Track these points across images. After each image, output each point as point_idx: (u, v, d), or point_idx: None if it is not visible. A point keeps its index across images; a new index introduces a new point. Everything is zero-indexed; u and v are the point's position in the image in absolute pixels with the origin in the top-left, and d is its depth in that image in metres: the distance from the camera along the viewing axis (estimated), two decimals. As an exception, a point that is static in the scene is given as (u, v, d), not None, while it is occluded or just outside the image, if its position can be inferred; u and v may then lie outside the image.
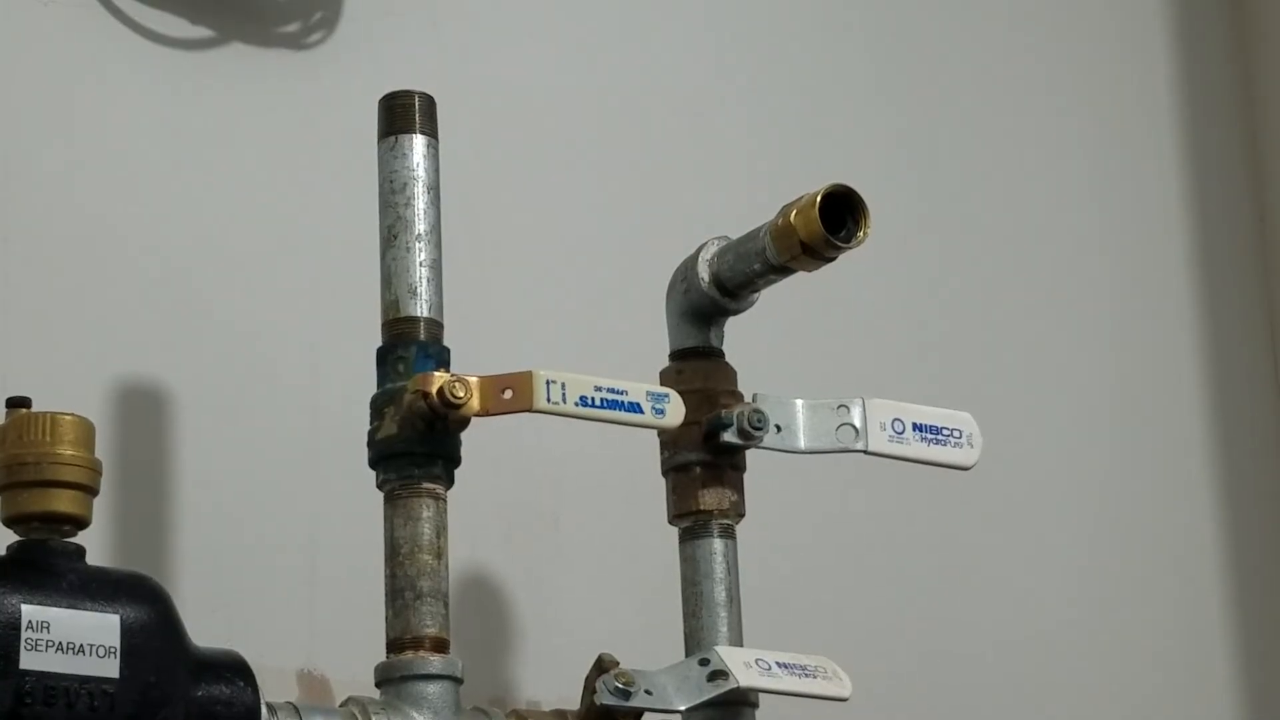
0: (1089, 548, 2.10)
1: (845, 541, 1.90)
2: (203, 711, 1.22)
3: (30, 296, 1.53)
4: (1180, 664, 2.13)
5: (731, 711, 1.49)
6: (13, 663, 1.14)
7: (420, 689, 1.38)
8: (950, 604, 1.96)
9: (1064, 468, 2.11)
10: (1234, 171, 2.40)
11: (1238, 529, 2.23)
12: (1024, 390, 2.09)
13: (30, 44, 1.59)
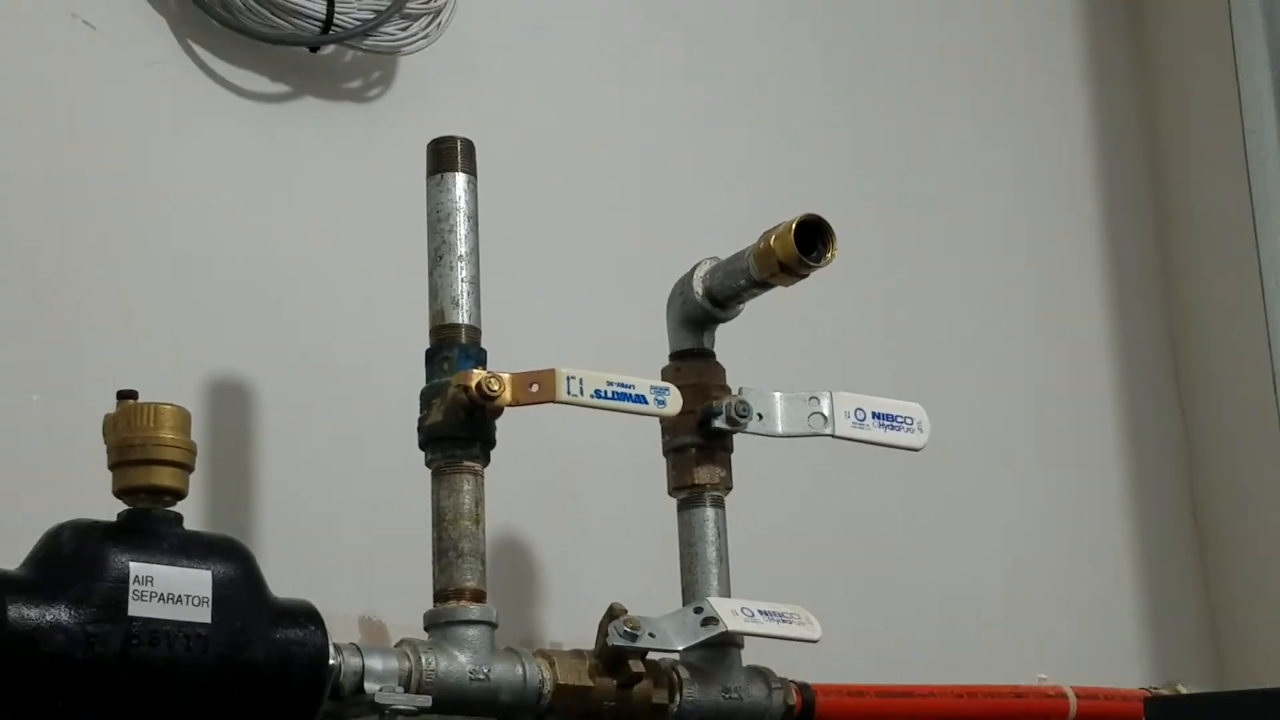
0: (1015, 509, 2.08)
1: (816, 511, 1.90)
2: (281, 651, 1.21)
3: (139, 308, 1.53)
4: (1092, 615, 2.11)
5: (721, 651, 1.49)
6: (122, 610, 1.14)
7: (461, 632, 1.38)
8: (902, 561, 1.96)
9: (997, 454, 2.10)
10: (1139, 200, 2.39)
11: (1142, 506, 2.22)
12: (966, 386, 2.09)
13: (142, 99, 1.59)
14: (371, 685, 1.29)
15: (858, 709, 1.57)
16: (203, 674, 1.17)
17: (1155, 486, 2.25)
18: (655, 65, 1.95)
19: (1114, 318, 2.29)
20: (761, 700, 1.51)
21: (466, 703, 1.36)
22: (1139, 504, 2.22)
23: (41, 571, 1.14)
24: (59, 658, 1.12)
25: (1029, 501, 2.11)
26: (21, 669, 1.11)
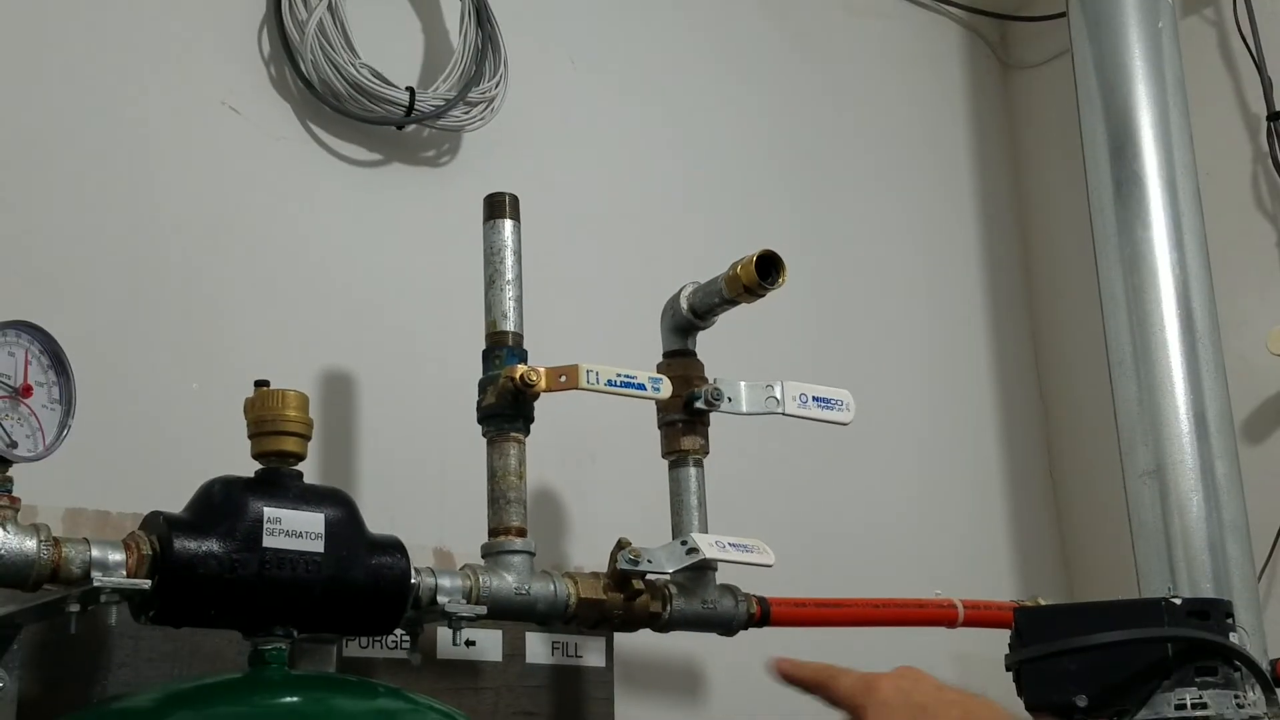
0: (916, 467, 2.07)
1: (768, 468, 1.88)
2: (375, 573, 1.21)
3: (272, 319, 1.52)
4: (973, 545, 2.10)
5: (701, 573, 1.49)
6: (258, 542, 1.14)
7: (509, 559, 1.37)
8: (830, 505, 1.94)
9: (901, 420, 2.07)
10: (1008, 234, 2.37)
11: (1010, 461, 2.21)
12: (875, 367, 2.06)
13: (275, 164, 1.58)
14: (442, 598, 1.28)
15: (802, 616, 1.56)
16: (318, 590, 1.16)
17: (1020, 448, 2.23)
18: (648, 147, 1.93)
19: (987, 310, 2.26)
20: (731, 609, 1.50)
21: (512, 611, 1.36)
22: (1008, 460, 2.20)
23: (198, 514, 1.14)
24: (211, 578, 1.11)
25: (925, 458, 2.09)
26: (184, 585, 1.10)
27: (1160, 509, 1.61)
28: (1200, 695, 1.45)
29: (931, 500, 2.06)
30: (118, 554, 1.09)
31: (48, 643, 1.20)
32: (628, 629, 1.46)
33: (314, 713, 1.09)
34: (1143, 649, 1.46)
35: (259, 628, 1.15)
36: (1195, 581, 1.57)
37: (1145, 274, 1.67)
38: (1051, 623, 1.52)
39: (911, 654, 1.86)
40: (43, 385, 1.11)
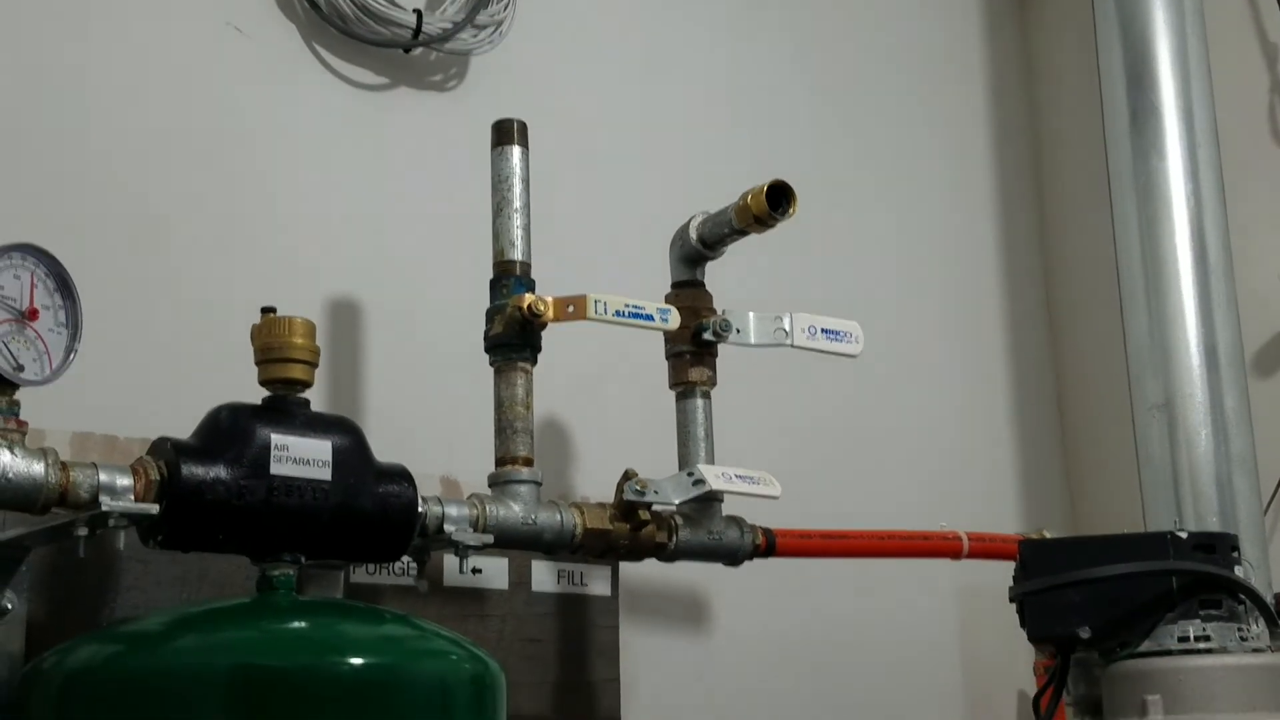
0: (924, 400, 2.06)
1: (776, 403, 1.88)
2: (382, 501, 1.21)
3: (278, 244, 1.52)
4: (981, 480, 2.10)
5: (707, 504, 1.49)
6: (265, 469, 1.14)
7: (515, 489, 1.38)
8: (838, 442, 1.94)
9: (908, 353, 2.05)
10: (1022, 165, 2.35)
11: (1020, 399, 2.21)
12: (886, 300, 2.05)
13: (280, 86, 1.56)
14: (449, 527, 1.29)
15: (807, 547, 1.56)
16: (325, 517, 1.17)
17: (1029, 381, 2.22)
18: (659, 74, 1.91)
19: (999, 243, 2.25)
20: (736, 539, 1.51)
21: (519, 540, 1.37)
22: (1016, 394, 2.19)
23: (206, 440, 1.14)
24: (219, 504, 1.12)
25: (933, 391, 2.08)
26: (192, 511, 1.11)
27: (1168, 443, 1.61)
28: (1204, 628, 1.46)
29: (938, 434, 2.06)
30: (126, 479, 1.10)
31: (57, 566, 1.21)
32: (633, 559, 1.47)
33: (321, 638, 1.10)
34: (1147, 582, 1.47)
35: (267, 553, 1.16)
36: (1202, 515, 1.58)
37: (1159, 205, 1.66)
38: (1056, 555, 1.53)
39: (920, 587, 1.89)
40: (49, 309, 1.11)
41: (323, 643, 1.08)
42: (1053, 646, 1.53)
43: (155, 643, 1.07)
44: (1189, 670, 1.45)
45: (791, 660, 1.78)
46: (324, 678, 1.04)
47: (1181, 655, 1.46)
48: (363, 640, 1.10)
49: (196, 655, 1.04)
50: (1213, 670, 1.44)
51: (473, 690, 1.12)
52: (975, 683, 1.94)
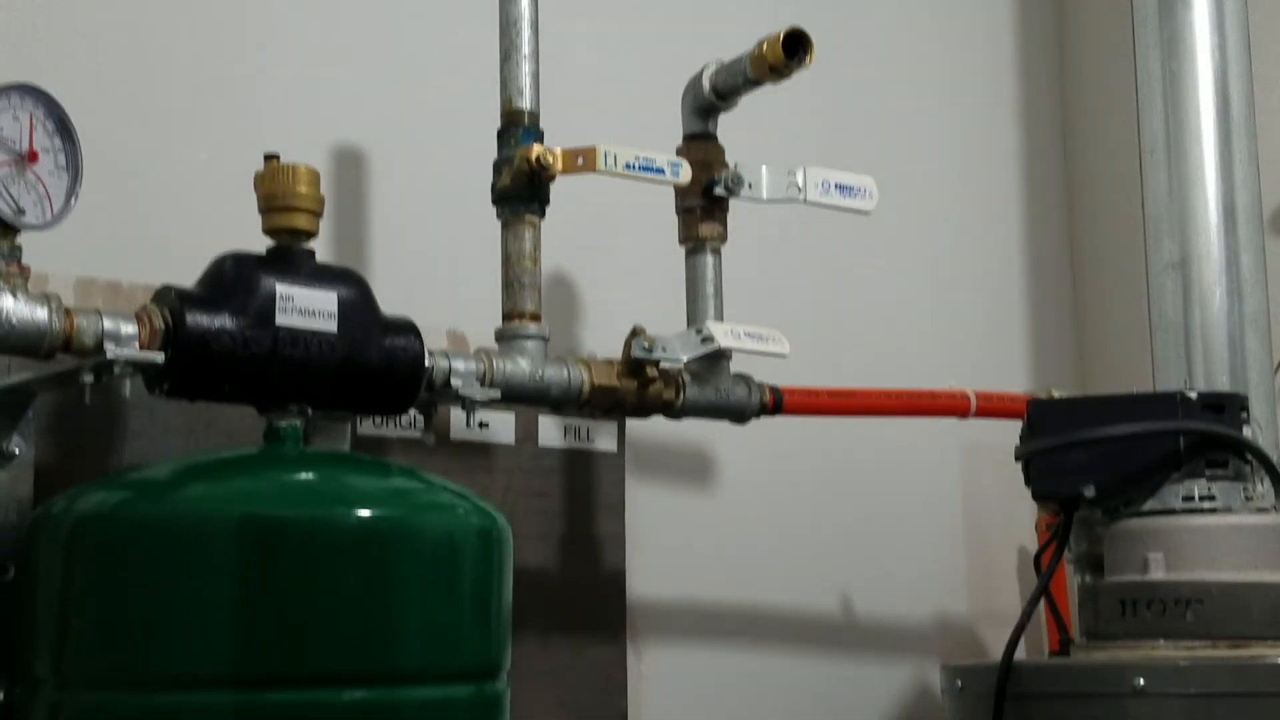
0: (935, 256, 2.03)
1: (787, 261, 1.86)
2: (389, 355, 1.20)
3: (281, 89, 1.47)
4: (990, 338, 2.07)
5: (715, 361, 1.48)
6: (271, 320, 1.13)
7: (523, 344, 1.37)
8: (849, 297, 1.92)
9: (920, 209, 2.01)
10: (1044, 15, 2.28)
11: (1033, 252, 2.18)
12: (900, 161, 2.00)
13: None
14: (456, 381, 1.28)
15: (815, 405, 1.56)
16: (331, 370, 1.16)
17: (1042, 239, 2.18)
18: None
19: (1016, 95, 2.18)
20: (744, 398, 1.50)
21: (526, 396, 1.37)
22: (1030, 251, 2.15)
23: (210, 289, 1.13)
24: (224, 354, 1.11)
25: (944, 248, 2.05)
26: (197, 361, 1.10)
27: (1182, 302, 1.60)
28: (1209, 487, 1.47)
29: (949, 291, 2.03)
30: (130, 326, 1.09)
31: (63, 411, 1.21)
32: (640, 416, 1.47)
33: (329, 489, 1.10)
34: (1154, 441, 1.47)
35: (273, 404, 1.16)
36: (1212, 375, 1.57)
37: (1184, 58, 1.62)
38: (1064, 415, 1.53)
39: (926, 445, 1.90)
40: (49, 151, 1.09)
41: (330, 494, 1.08)
42: (1057, 504, 1.54)
43: (163, 490, 1.07)
44: (1192, 529, 1.46)
45: (795, 517, 1.79)
46: (331, 529, 1.04)
47: (1185, 514, 1.47)
48: (370, 492, 1.10)
49: (205, 504, 1.04)
50: (1216, 529, 1.45)
51: (479, 543, 1.12)
52: (977, 539, 1.95)
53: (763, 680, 1.72)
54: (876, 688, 1.81)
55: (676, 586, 1.66)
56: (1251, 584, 1.41)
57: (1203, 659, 1.38)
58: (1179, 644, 1.41)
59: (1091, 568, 1.62)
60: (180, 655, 0.99)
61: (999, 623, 1.89)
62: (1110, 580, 1.50)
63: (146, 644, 1.00)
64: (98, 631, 1.02)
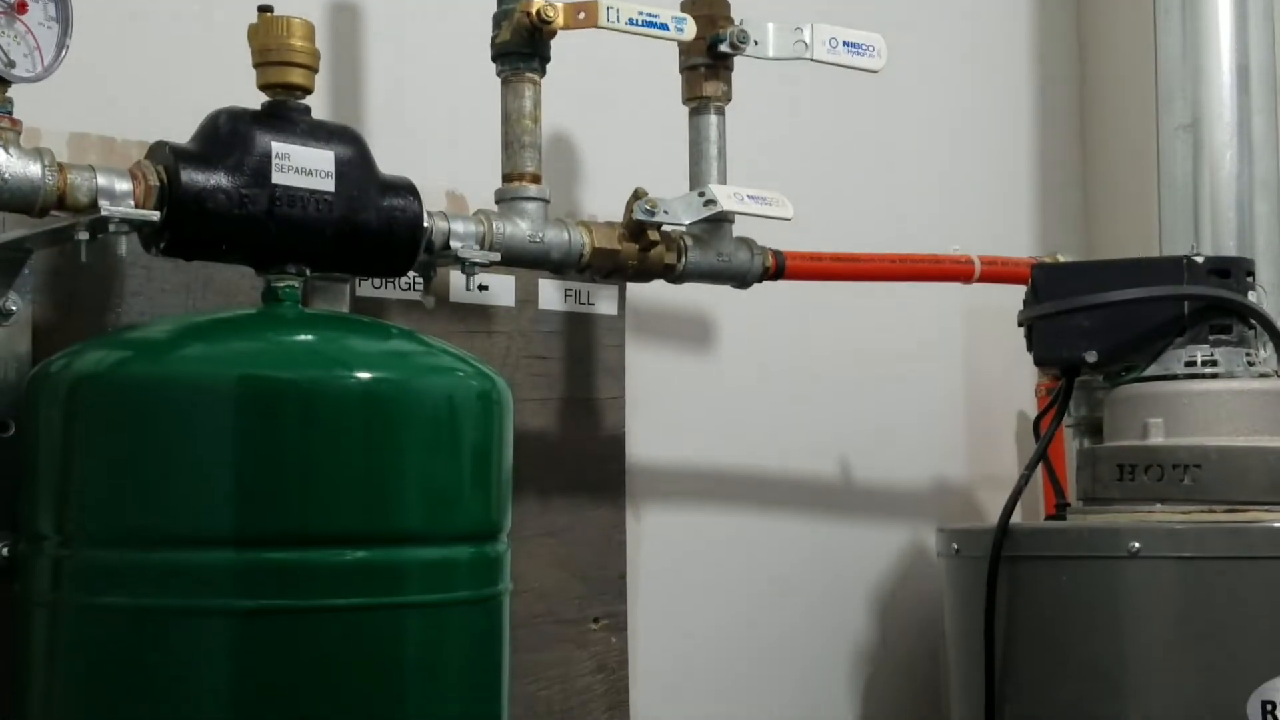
0: (941, 117, 1.99)
1: (792, 118, 1.83)
2: (387, 215, 1.18)
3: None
4: (996, 203, 2.06)
5: (717, 225, 1.47)
6: (267, 178, 1.11)
7: (523, 206, 1.35)
8: (856, 156, 1.88)
9: (928, 66, 1.97)
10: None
11: (1041, 117, 2.15)
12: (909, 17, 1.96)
13: None
14: (455, 243, 1.27)
15: (818, 270, 1.55)
16: (329, 230, 1.14)
17: (1052, 101, 2.14)
18: None
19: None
20: (746, 261, 1.49)
21: (526, 259, 1.35)
22: (1038, 113, 2.12)
23: (205, 146, 1.10)
24: (220, 213, 1.09)
25: (951, 108, 2.01)
26: (193, 219, 1.08)
27: (1192, 164, 1.58)
28: (1211, 353, 1.46)
29: (955, 154, 2.00)
30: (125, 183, 1.07)
31: (60, 269, 1.20)
32: (641, 279, 1.46)
33: (328, 351, 1.09)
34: (1158, 306, 1.47)
35: (271, 264, 1.14)
36: (1219, 239, 1.56)
37: (1202, -93, 1.58)
38: (1068, 279, 1.52)
39: (927, 310, 1.89)
40: (38, 1, 1.06)
41: (330, 356, 1.08)
42: (1058, 369, 1.54)
43: (162, 350, 1.07)
44: (1193, 394, 1.45)
45: (795, 381, 1.78)
46: (331, 391, 1.03)
47: (1187, 380, 1.47)
48: (370, 355, 1.09)
49: (203, 365, 1.03)
50: (1217, 394, 1.45)
51: (479, 406, 1.11)
52: (976, 404, 1.95)
53: (761, 542, 1.73)
54: (873, 550, 1.83)
55: (676, 449, 1.67)
56: (1250, 449, 1.41)
57: (1199, 523, 1.38)
58: (1176, 508, 1.42)
59: (1090, 433, 1.63)
60: (180, 514, 1.00)
61: (996, 487, 1.91)
62: (1109, 445, 1.50)
63: (146, 502, 1.00)
64: (98, 489, 1.02)
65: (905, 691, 1.83)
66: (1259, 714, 1.29)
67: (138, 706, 0.99)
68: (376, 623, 1.03)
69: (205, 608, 0.99)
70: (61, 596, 1.04)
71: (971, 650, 1.47)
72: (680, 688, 1.65)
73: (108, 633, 1.01)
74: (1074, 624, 1.39)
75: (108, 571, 1.01)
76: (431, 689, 1.07)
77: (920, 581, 1.83)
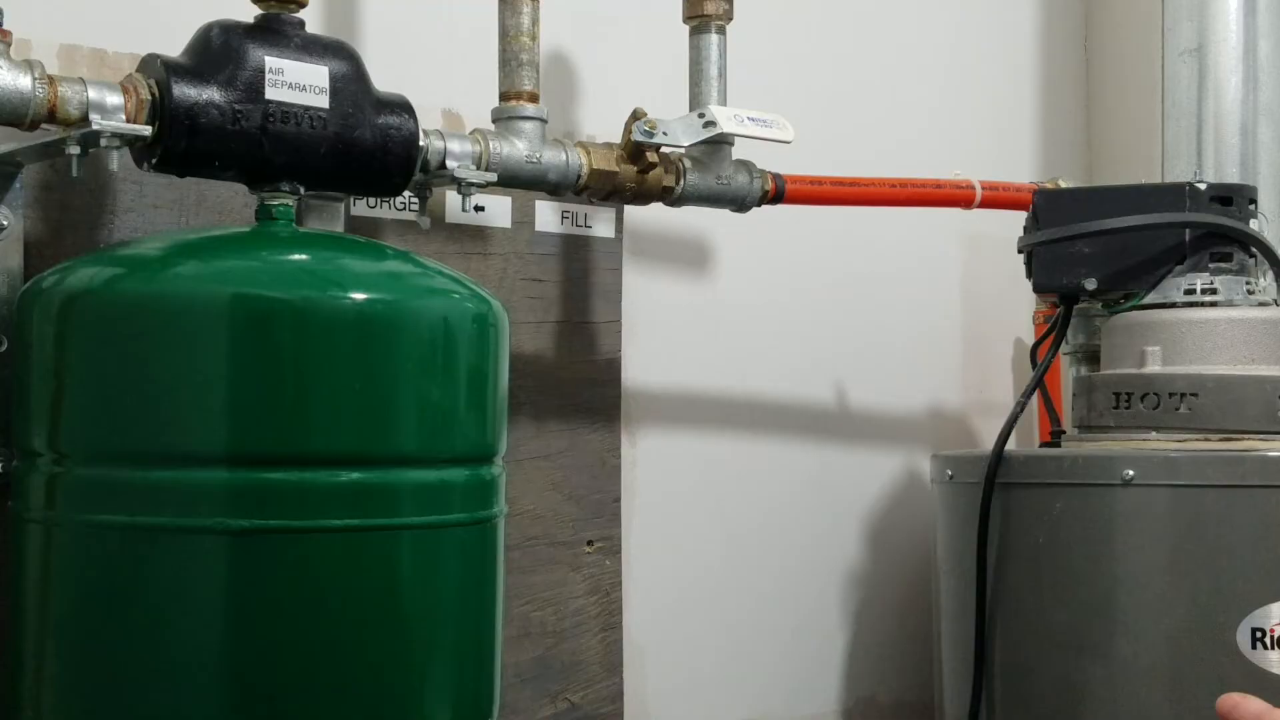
0: (943, 39, 1.97)
1: (794, 38, 1.80)
2: (382, 133, 1.17)
3: None
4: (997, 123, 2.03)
5: (716, 148, 1.45)
6: (260, 94, 1.09)
7: (520, 125, 1.33)
8: (858, 79, 1.86)
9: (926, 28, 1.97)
10: None
11: (1044, 36, 2.12)
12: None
13: None
14: (451, 163, 1.26)
15: (817, 194, 1.53)
16: (324, 147, 1.13)
17: (1056, 23, 2.10)
18: None
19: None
20: (745, 184, 1.47)
21: (522, 180, 1.34)
22: (1042, 36, 2.08)
23: (197, 60, 1.09)
24: (213, 128, 1.07)
25: (953, 30, 1.97)
26: (185, 135, 1.07)
27: (1196, 90, 1.56)
28: (1211, 281, 1.45)
29: (956, 78, 1.97)
30: (116, 97, 1.05)
31: (50, 184, 1.18)
32: (639, 202, 1.45)
33: (323, 271, 1.08)
34: (1159, 234, 1.46)
35: (264, 182, 1.13)
36: (1222, 166, 1.54)
37: None
38: (1070, 206, 1.51)
39: (926, 236, 1.87)
40: (23, -91, 1.04)
41: (324, 276, 1.06)
42: (1057, 297, 1.53)
43: (155, 267, 1.05)
44: (1191, 322, 1.45)
45: (792, 307, 1.77)
46: (325, 312, 1.02)
47: (1186, 308, 1.46)
48: (365, 275, 1.08)
49: (197, 282, 1.02)
50: (1215, 323, 1.44)
51: (475, 328, 1.11)
52: (973, 330, 1.94)
53: (755, 467, 1.73)
54: (867, 476, 1.83)
55: (671, 374, 1.66)
56: (1248, 378, 1.41)
57: (1194, 451, 1.38)
58: (1171, 437, 1.42)
59: (1087, 360, 1.62)
60: (172, 433, 0.99)
61: (992, 413, 1.91)
62: (1105, 373, 1.50)
63: (138, 420, 1.00)
64: (91, 407, 1.01)
65: (895, 617, 1.84)
66: (1249, 640, 1.30)
67: (131, 623, 1.00)
68: (370, 545, 1.03)
69: (198, 526, 0.99)
70: (55, 514, 1.03)
71: (963, 576, 1.48)
72: (673, 610, 1.66)
73: (101, 550, 1.01)
74: (1066, 551, 1.40)
75: (100, 489, 1.01)
76: (425, 611, 1.07)
77: (913, 507, 1.84)
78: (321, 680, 1.01)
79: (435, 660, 1.08)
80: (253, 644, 1.00)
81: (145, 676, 0.99)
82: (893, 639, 1.84)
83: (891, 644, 1.84)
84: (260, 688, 1.00)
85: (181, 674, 0.99)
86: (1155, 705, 1.35)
